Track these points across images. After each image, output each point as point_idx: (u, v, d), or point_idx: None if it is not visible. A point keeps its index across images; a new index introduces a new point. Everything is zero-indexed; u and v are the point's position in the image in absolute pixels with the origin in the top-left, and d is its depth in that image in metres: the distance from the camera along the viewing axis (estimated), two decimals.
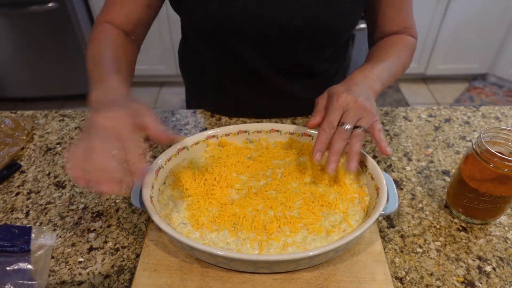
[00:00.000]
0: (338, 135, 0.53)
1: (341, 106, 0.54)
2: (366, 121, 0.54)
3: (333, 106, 0.54)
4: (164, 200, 0.56)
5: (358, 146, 0.53)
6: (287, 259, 0.45)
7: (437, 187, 0.67)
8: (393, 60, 0.67)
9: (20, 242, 0.51)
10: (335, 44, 0.76)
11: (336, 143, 0.53)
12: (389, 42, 0.72)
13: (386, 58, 0.66)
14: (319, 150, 0.54)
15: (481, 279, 0.52)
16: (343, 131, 0.53)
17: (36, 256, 0.51)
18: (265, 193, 0.56)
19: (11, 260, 0.49)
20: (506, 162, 0.51)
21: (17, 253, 0.50)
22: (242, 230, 0.51)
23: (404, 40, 0.72)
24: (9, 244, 0.50)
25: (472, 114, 0.86)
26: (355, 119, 0.54)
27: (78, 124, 0.84)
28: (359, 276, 0.50)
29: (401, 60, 0.69)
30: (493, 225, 0.60)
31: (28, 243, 0.51)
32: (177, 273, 0.51)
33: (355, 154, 0.53)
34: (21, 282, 0.48)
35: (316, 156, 0.54)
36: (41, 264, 0.51)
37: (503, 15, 2.32)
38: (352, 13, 0.69)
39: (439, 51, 2.48)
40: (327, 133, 0.54)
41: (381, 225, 0.60)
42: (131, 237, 0.58)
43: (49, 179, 0.69)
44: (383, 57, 0.66)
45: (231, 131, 0.66)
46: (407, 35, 0.74)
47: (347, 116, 0.54)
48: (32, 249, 0.51)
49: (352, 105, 0.54)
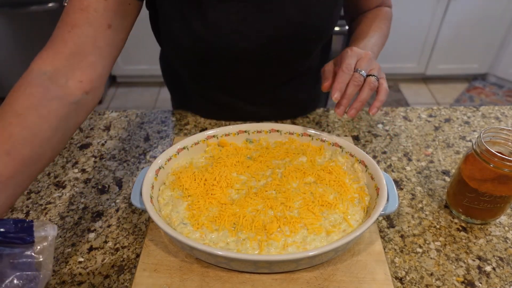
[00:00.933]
0: (353, 80, 0.57)
1: (356, 53, 0.59)
2: (377, 72, 0.59)
3: (348, 54, 0.59)
4: (164, 200, 0.56)
5: (366, 94, 0.57)
6: (287, 259, 0.45)
7: (437, 187, 0.67)
8: (379, 34, 0.72)
9: (24, 234, 0.50)
10: (322, 42, 0.76)
11: (350, 87, 0.57)
12: (370, 16, 0.76)
13: (372, 34, 0.71)
14: (338, 90, 0.56)
15: (481, 279, 0.52)
16: (358, 75, 0.57)
17: (40, 248, 0.51)
18: (265, 193, 0.56)
19: (16, 252, 0.49)
20: (506, 162, 0.51)
21: (21, 245, 0.50)
22: (242, 230, 0.51)
23: (383, 12, 0.77)
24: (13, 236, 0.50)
25: (472, 114, 0.86)
26: (368, 67, 0.59)
27: None
28: (359, 276, 0.50)
29: (384, 32, 0.74)
30: (493, 225, 0.60)
31: (31, 235, 0.51)
32: (177, 273, 0.51)
33: (360, 102, 0.57)
34: (26, 274, 0.48)
35: (335, 94, 0.56)
36: (45, 256, 0.51)
37: (503, 15, 2.32)
38: (335, 10, 0.69)
39: (439, 51, 2.48)
40: (346, 74, 0.57)
41: (381, 225, 0.60)
42: (131, 237, 0.58)
43: (49, 179, 0.69)
44: (369, 33, 0.71)
45: (231, 131, 0.66)
46: (384, 6, 0.79)
47: (361, 64, 0.58)
48: (35, 241, 0.51)
49: (364, 56, 0.59)
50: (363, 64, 0.58)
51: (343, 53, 0.61)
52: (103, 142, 0.79)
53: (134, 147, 0.77)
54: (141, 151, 0.76)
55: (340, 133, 0.80)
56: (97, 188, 0.67)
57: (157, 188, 0.57)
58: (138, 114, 0.87)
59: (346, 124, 0.83)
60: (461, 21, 2.34)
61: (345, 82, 0.57)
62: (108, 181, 0.69)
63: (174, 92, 0.93)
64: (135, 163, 0.73)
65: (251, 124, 0.67)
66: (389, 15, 0.78)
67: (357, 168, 0.59)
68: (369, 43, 0.68)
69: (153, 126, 0.83)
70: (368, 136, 0.79)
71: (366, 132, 0.81)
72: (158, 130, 0.82)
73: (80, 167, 0.72)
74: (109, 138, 0.80)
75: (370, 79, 0.58)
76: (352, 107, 0.58)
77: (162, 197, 0.57)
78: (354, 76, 0.57)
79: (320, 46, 0.78)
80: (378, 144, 0.77)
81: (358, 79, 0.57)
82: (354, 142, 0.77)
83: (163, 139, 0.79)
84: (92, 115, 0.87)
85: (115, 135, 0.80)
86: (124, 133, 0.81)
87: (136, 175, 0.70)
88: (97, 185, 0.68)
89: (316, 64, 0.83)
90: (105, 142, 0.79)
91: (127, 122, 0.84)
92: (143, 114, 0.87)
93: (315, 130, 0.65)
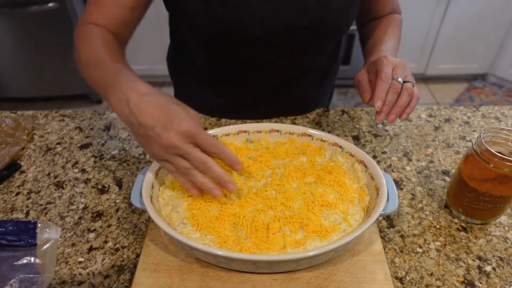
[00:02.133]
0: (392, 87, 0.59)
1: (391, 61, 0.62)
2: (411, 78, 0.61)
3: (384, 63, 0.61)
4: (164, 200, 0.56)
5: (405, 100, 0.59)
6: (287, 259, 0.45)
7: (437, 187, 0.67)
8: (394, 41, 0.75)
9: (27, 237, 0.50)
10: (337, 40, 0.77)
11: (390, 94, 0.59)
12: (385, 23, 0.79)
13: (388, 39, 0.74)
14: (379, 98, 0.58)
15: (481, 279, 0.52)
16: (396, 83, 0.59)
17: (42, 250, 0.51)
18: (265, 193, 0.56)
19: (18, 255, 0.49)
20: (506, 162, 0.51)
21: (23, 247, 0.50)
22: (242, 230, 0.51)
23: (395, 19, 0.80)
24: (15, 239, 0.50)
25: (472, 114, 0.86)
26: (403, 75, 0.61)
27: (78, 124, 0.84)
28: (359, 276, 0.50)
29: (397, 39, 0.78)
30: (493, 225, 0.60)
31: (34, 238, 0.51)
32: (177, 273, 0.51)
33: (399, 107, 0.59)
34: (28, 276, 0.48)
35: (377, 103, 0.58)
36: (48, 258, 0.51)
37: (503, 15, 2.32)
38: (352, 8, 0.70)
39: (439, 51, 2.48)
40: (385, 83, 0.59)
41: (381, 225, 0.60)
42: (131, 237, 0.58)
43: (49, 179, 0.69)
44: (385, 38, 0.75)
45: (231, 131, 0.66)
46: (395, 13, 0.82)
47: (397, 71, 0.61)
48: (38, 243, 0.51)
49: (399, 64, 0.62)
50: (399, 72, 0.60)
51: (378, 62, 0.62)
52: (103, 142, 0.79)
53: (134, 147, 0.77)
54: (141, 151, 0.76)
55: (340, 133, 0.80)
56: (97, 188, 0.67)
57: (157, 188, 0.57)
58: None
59: (346, 124, 0.83)
60: (461, 21, 2.34)
61: (385, 90, 0.59)
62: (108, 181, 0.69)
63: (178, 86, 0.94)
64: (135, 163, 0.73)
65: (251, 124, 0.67)
66: (400, 22, 0.81)
67: (357, 168, 0.59)
68: (388, 48, 0.71)
69: None
70: (368, 136, 0.79)
71: (366, 132, 0.81)
72: None
73: (80, 167, 0.72)
74: (109, 138, 0.80)
75: (407, 85, 0.60)
76: (392, 113, 0.59)
77: (162, 197, 0.57)
78: (393, 84, 0.59)
79: (333, 44, 0.79)
80: (378, 144, 0.77)
81: (397, 86, 0.59)
82: (354, 142, 0.77)
83: None
84: (92, 115, 0.87)
85: (115, 135, 0.80)
86: (124, 133, 0.81)
87: (136, 175, 0.70)
88: (97, 185, 0.68)
89: (326, 63, 0.84)
90: (105, 142, 0.79)
91: None
92: None
93: (315, 130, 0.65)
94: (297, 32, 0.68)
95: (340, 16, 0.69)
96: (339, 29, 0.72)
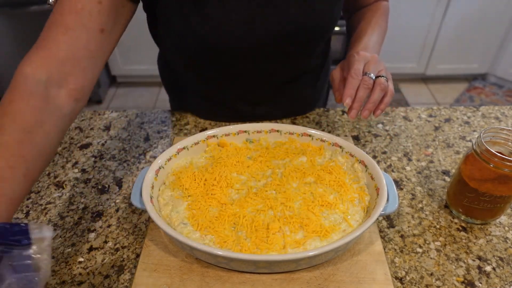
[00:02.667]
0: (363, 83, 0.58)
1: (363, 56, 0.60)
2: (385, 73, 0.60)
3: (355, 59, 0.60)
4: (164, 200, 0.56)
5: (378, 95, 0.58)
6: (287, 259, 0.45)
7: (437, 187, 0.67)
8: (378, 32, 0.73)
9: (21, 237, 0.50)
10: (324, 41, 0.76)
11: (360, 90, 0.57)
12: (369, 13, 0.76)
13: (372, 32, 0.71)
14: (348, 95, 0.58)
15: (481, 279, 0.52)
16: (367, 78, 0.58)
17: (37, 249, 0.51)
18: (265, 193, 0.56)
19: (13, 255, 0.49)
20: (506, 162, 0.51)
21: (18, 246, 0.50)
22: (242, 230, 0.51)
23: (381, 7, 0.77)
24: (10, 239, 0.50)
25: (472, 114, 0.86)
26: (376, 70, 0.59)
27: (78, 124, 0.84)
28: (359, 276, 0.50)
29: (383, 28, 0.75)
30: (493, 225, 0.60)
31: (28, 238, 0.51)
32: (177, 273, 0.51)
33: (372, 103, 0.58)
34: (25, 275, 0.48)
35: (346, 100, 0.57)
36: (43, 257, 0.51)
37: (503, 15, 2.32)
38: (336, 6, 0.69)
39: (439, 51, 2.48)
40: (355, 79, 0.58)
41: (381, 225, 0.60)
42: (131, 237, 0.58)
43: (49, 179, 0.69)
44: (369, 30, 0.71)
45: (231, 131, 0.66)
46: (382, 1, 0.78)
47: (369, 67, 0.59)
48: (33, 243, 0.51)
49: (371, 59, 0.60)
50: (371, 67, 0.59)
51: (350, 58, 0.61)
52: (103, 142, 0.79)
53: (134, 147, 0.77)
54: (141, 151, 0.76)
55: (340, 133, 0.80)
56: (97, 188, 0.67)
57: (157, 188, 0.57)
58: (138, 114, 0.87)
59: (346, 124, 0.83)
60: (461, 21, 2.34)
61: (355, 87, 0.58)
62: (108, 181, 0.69)
63: (172, 93, 0.92)
64: (135, 163, 0.73)
65: (251, 124, 0.67)
66: (386, 10, 0.78)
67: (357, 168, 0.59)
68: (370, 41, 0.68)
69: (153, 126, 0.83)
70: (368, 136, 0.79)
71: (366, 132, 0.81)
72: (158, 130, 0.82)
73: (80, 167, 0.72)
74: (109, 138, 0.80)
75: (379, 80, 0.58)
76: (365, 109, 0.58)
77: (162, 197, 0.57)
78: (364, 79, 0.58)
79: (321, 45, 0.78)
80: (378, 144, 0.77)
81: (368, 82, 0.58)
82: (354, 142, 0.77)
83: (163, 139, 0.79)
84: (92, 115, 0.87)
85: (115, 135, 0.80)
86: (124, 133, 0.81)
87: (136, 175, 0.70)
88: (97, 185, 0.68)
89: (317, 63, 0.83)
90: (105, 142, 0.79)
91: (127, 122, 0.84)
92: (143, 114, 0.87)
93: (315, 130, 0.65)
94: (283, 40, 0.67)
95: (325, 17, 0.68)
96: (325, 30, 0.71)
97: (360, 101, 0.58)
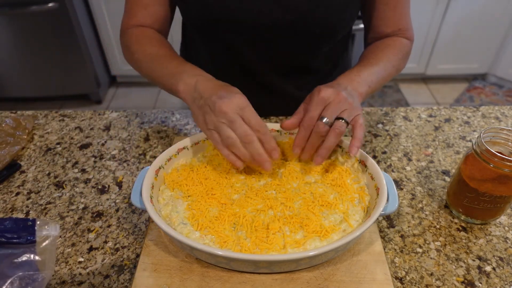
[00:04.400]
0: (315, 130, 0.54)
1: (323, 99, 0.54)
2: (348, 113, 0.54)
3: (314, 101, 0.55)
4: (164, 200, 0.56)
5: (331, 142, 0.54)
6: (287, 259, 0.45)
7: (437, 187, 0.67)
8: (383, 64, 0.66)
9: (26, 234, 0.51)
10: (331, 41, 0.75)
11: (312, 137, 0.55)
12: (381, 45, 0.71)
13: (375, 62, 0.66)
14: (297, 146, 0.57)
15: (481, 279, 0.52)
16: (321, 125, 0.54)
17: (41, 247, 0.51)
18: (265, 193, 0.56)
19: (18, 252, 0.50)
20: (506, 162, 0.51)
21: (23, 244, 0.50)
22: (242, 230, 0.51)
23: (397, 43, 0.71)
24: (15, 236, 0.50)
25: (472, 114, 0.86)
26: (336, 112, 0.54)
27: (78, 124, 0.84)
28: (359, 276, 0.50)
29: (392, 63, 0.68)
30: (493, 225, 0.60)
31: (33, 235, 0.51)
32: (177, 273, 0.51)
33: (325, 149, 0.55)
34: (28, 273, 0.48)
35: (294, 150, 0.57)
36: (47, 255, 0.51)
37: (503, 15, 2.32)
38: (347, 9, 0.68)
39: (439, 51, 2.48)
40: (306, 129, 0.55)
41: (381, 225, 0.60)
42: (131, 237, 0.58)
43: (49, 179, 0.69)
44: (373, 61, 0.66)
45: None
46: (401, 37, 0.73)
47: (328, 110, 0.54)
48: (37, 240, 0.51)
49: (334, 98, 0.54)
50: (329, 111, 0.54)
51: (310, 97, 0.57)
52: (103, 142, 0.79)
53: (134, 147, 0.77)
54: (141, 151, 0.76)
55: None
56: (97, 188, 0.67)
57: (157, 188, 0.57)
58: (138, 114, 0.87)
59: None
60: (461, 21, 2.34)
61: (306, 137, 0.56)
62: (108, 181, 0.69)
63: None
64: (135, 163, 0.73)
65: None
66: (404, 47, 0.72)
67: (357, 168, 0.59)
68: (367, 71, 0.63)
69: (153, 126, 0.83)
70: (368, 136, 0.79)
71: (366, 132, 0.81)
72: (158, 130, 0.82)
73: (80, 167, 0.72)
74: (109, 138, 0.80)
75: (336, 124, 0.53)
76: (317, 154, 0.55)
77: (162, 197, 0.57)
78: (317, 125, 0.54)
79: (329, 45, 0.76)
80: (378, 144, 0.77)
81: (321, 129, 0.54)
82: None
83: (163, 139, 0.79)
84: (92, 115, 0.87)
85: (115, 135, 0.80)
86: (124, 133, 0.81)
87: (136, 175, 0.70)
88: (97, 185, 0.68)
89: (323, 67, 0.82)
90: (105, 142, 0.79)
91: (127, 122, 0.84)
92: (143, 114, 0.87)
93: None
94: (285, 27, 0.67)
95: (331, 15, 0.67)
96: (331, 28, 0.69)
97: (311, 149, 0.56)
